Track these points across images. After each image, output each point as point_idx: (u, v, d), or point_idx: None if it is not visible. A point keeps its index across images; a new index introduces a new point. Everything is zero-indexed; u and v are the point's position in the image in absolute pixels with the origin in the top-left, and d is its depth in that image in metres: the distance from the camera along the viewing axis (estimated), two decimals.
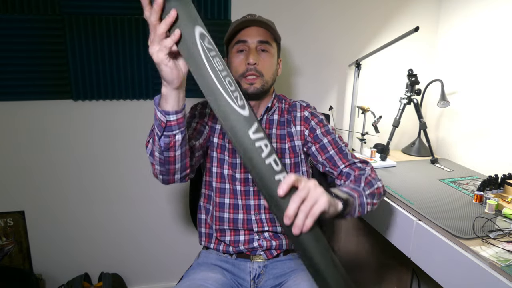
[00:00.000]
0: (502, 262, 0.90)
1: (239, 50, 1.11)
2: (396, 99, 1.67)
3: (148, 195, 1.77)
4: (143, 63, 1.60)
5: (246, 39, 1.10)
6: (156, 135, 0.88)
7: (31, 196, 1.66)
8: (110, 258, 1.81)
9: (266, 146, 0.72)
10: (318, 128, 1.17)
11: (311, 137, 1.17)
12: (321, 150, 1.15)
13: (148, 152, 0.97)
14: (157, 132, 0.87)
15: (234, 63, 1.12)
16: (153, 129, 0.89)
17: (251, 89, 1.10)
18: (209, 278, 1.08)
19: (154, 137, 0.89)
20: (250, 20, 1.10)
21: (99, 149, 1.68)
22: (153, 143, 0.91)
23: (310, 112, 1.21)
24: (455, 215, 1.14)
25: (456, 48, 1.74)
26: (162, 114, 0.84)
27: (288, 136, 1.19)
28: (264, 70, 1.11)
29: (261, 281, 1.15)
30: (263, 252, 1.16)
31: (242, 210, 1.15)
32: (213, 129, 1.17)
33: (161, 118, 0.85)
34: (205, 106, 1.20)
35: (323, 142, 1.15)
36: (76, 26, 1.50)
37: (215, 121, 1.17)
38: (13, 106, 1.55)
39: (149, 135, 0.95)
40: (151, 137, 0.94)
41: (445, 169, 1.56)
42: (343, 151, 1.14)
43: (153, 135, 0.90)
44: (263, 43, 1.10)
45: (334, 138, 1.16)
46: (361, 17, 1.76)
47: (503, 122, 1.51)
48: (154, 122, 0.88)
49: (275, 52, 1.16)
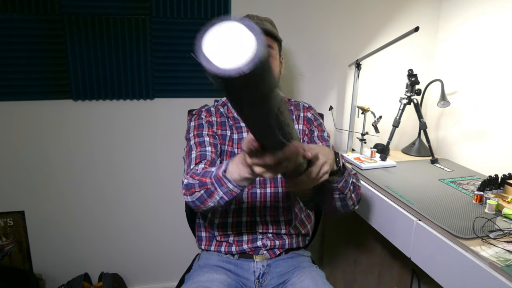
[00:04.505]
0: (502, 262, 0.90)
1: None
2: (396, 99, 1.67)
3: (148, 195, 1.77)
4: (143, 63, 1.60)
5: None
6: (221, 199, 0.91)
7: (31, 196, 1.66)
8: (110, 258, 1.81)
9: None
10: (316, 131, 1.22)
11: (308, 137, 1.21)
12: None
13: (194, 197, 0.96)
14: (223, 197, 0.90)
15: None
16: (211, 187, 0.91)
17: None
18: (214, 279, 1.07)
19: (213, 195, 0.91)
20: None
21: (99, 149, 1.68)
22: (209, 197, 0.93)
23: (313, 114, 1.26)
24: (455, 215, 1.14)
25: (456, 48, 1.74)
26: (237, 187, 0.88)
27: None
28: None
29: (265, 280, 1.15)
30: (266, 251, 1.16)
31: (246, 212, 1.15)
32: (223, 137, 1.17)
33: (233, 190, 0.88)
34: (210, 113, 1.19)
35: None
36: (76, 26, 1.50)
37: (224, 128, 1.18)
38: (13, 106, 1.55)
39: (200, 186, 0.94)
40: (203, 189, 0.94)
41: (445, 169, 1.56)
42: None
43: (211, 192, 0.92)
44: None
45: (328, 146, 1.19)
46: (361, 17, 1.76)
47: (503, 122, 1.51)
48: (217, 186, 0.89)
49: (277, 54, 1.16)
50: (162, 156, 1.74)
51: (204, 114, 1.18)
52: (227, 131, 1.17)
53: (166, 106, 1.69)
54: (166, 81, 1.65)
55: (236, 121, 1.20)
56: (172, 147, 1.71)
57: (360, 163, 1.55)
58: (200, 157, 1.08)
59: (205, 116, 1.18)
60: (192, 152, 1.10)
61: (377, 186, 1.38)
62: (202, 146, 1.10)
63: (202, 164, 1.05)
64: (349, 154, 1.66)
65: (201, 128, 1.14)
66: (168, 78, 1.65)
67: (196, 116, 1.18)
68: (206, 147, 1.10)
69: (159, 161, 1.74)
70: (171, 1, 1.55)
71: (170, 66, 1.63)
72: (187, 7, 1.57)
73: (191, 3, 1.57)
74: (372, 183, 1.41)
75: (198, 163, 1.06)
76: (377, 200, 1.36)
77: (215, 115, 1.19)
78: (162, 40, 1.59)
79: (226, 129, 1.18)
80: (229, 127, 1.19)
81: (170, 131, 1.71)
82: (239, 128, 1.19)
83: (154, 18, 1.56)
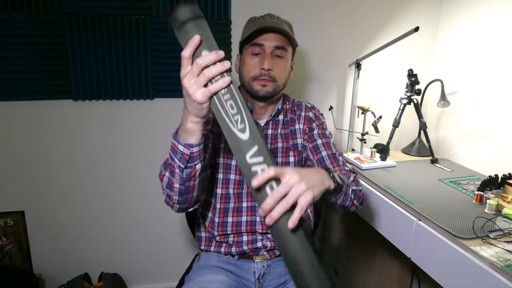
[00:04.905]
0: (502, 262, 0.90)
1: (254, 53, 1.09)
2: (396, 99, 1.67)
3: (148, 195, 1.77)
4: (143, 63, 1.60)
5: (262, 42, 1.08)
6: (178, 168, 0.89)
7: (31, 196, 1.66)
8: (110, 258, 1.81)
9: (262, 171, 0.71)
10: (316, 129, 1.21)
11: (308, 135, 1.21)
12: (313, 150, 1.18)
13: (164, 185, 0.96)
14: (180, 165, 0.88)
15: (248, 65, 1.11)
16: (171, 162, 0.90)
17: (262, 91, 1.10)
18: (215, 280, 1.07)
19: (174, 170, 0.90)
20: (270, 27, 1.07)
21: (99, 149, 1.68)
22: (172, 175, 0.92)
23: (315, 114, 1.25)
24: (455, 215, 1.14)
25: (456, 48, 1.74)
26: (186, 147, 0.85)
27: (291, 134, 1.21)
28: (278, 76, 1.11)
29: (265, 281, 1.15)
30: (266, 252, 1.16)
31: (246, 212, 1.15)
32: (219, 135, 1.16)
33: (184, 151, 0.86)
34: None
35: (317, 143, 1.18)
36: (76, 26, 1.50)
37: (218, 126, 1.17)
38: (13, 106, 1.55)
39: (165, 168, 0.94)
40: (167, 170, 0.93)
41: (445, 169, 1.56)
42: (335, 156, 1.17)
43: (172, 167, 0.90)
44: (279, 48, 1.09)
45: (328, 142, 1.19)
46: (361, 17, 1.76)
47: (503, 122, 1.51)
48: (173, 156, 0.88)
49: (289, 57, 1.15)
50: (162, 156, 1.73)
51: None
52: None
53: (166, 106, 1.69)
54: (166, 81, 1.65)
55: None
56: None
57: (360, 163, 1.55)
58: None
59: None
60: None
61: (377, 186, 1.38)
62: None
63: None
64: (349, 154, 1.66)
65: None
66: (168, 78, 1.65)
67: None
68: None
69: (159, 161, 1.73)
70: (171, 1, 1.55)
71: (170, 66, 1.63)
72: None
73: None
74: (372, 183, 1.41)
75: None
76: (377, 200, 1.36)
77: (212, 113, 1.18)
78: (162, 40, 1.59)
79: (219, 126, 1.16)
80: None
81: (170, 131, 1.69)
82: None
83: (154, 18, 1.56)
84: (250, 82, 1.10)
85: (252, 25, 1.10)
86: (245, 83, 1.13)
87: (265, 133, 1.20)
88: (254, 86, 1.10)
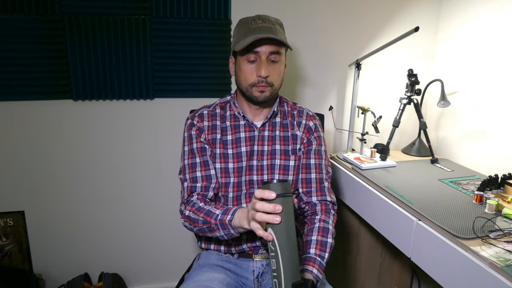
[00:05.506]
0: (502, 262, 0.90)
1: (250, 60, 1.10)
2: (396, 99, 1.67)
3: (148, 195, 1.77)
4: (143, 63, 1.60)
5: (257, 50, 1.09)
6: (220, 236, 1.03)
7: (31, 196, 1.66)
8: (110, 258, 1.81)
9: None
10: (314, 144, 1.22)
11: (305, 148, 1.21)
12: (304, 167, 1.19)
13: (194, 229, 1.10)
14: (223, 235, 1.02)
15: (244, 72, 1.11)
16: (216, 229, 1.02)
17: (261, 97, 1.12)
18: (214, 278, 1.08)
19: (214, 232, 1.03)
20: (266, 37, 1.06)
21: (99, 149, 1.68)
22: (209, 232, 1.05)
23: (315, 124, 1.24)
24: (455, 215, 1.14)
25: (456, 48, 1.74)
26: (236, 232, 0.99)
27: (292, 139, 1.21)
28: (274, 80, 1.13)
29: (264, 280, 1.16)
30: (265, 251, 1.16)
31: None
32: (213, 141, 1.18)
33: (234, 234, 1.00)
34: (202, 118, 1.20)
35: (310, 162, 1.19)
36: (76, 26, 1.50)
37: (214, 132, 1.18)
38: (13, 106, 1.55)
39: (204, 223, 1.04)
40: (203, 225, 1.05)
41: (445, 169, 1.56)
42: (322, 181, 1.19)
43: (213, 230, 1.03)
44: (274, 53, 1.10)
45: (321, 163, 1.20)
46: (361, 17, 1.76)
47: (503, 122, 1.51)
48: (220, 227, 1.00)
49: (284, 59, 1.16)
50: (162, 156, 1.74)
51: (196, 120, 1.19)
52: (217, 134, 1.18)
53: (166, 106, 1.69)
54: (166, 81, 1.65)
55: (236, 119, 1.20)
56: (172, 147, 1.71)
57: (360, 163, 1.55)
58: (190, 189, 1.14)
59: (197, 122, 1.19)
60: (186, 174, 1.15)
61: (377, 186, 1.38)
62: (193, 170, 1.15)
63: (195, 195, 1.13)
64: (349, 154, 1.66)
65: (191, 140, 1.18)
66: (168, 78, 1.65)
67: (190, 127, 1.19)
68: (197, 173, 1.14)
69: (159, 161, 1.74)
70: (171, 1, 1.55)
71: (170, 66, 1.63)
72: (187, 7, 1.57)
73: (191, 3, 1.57)
74: (372, 183, 1.41)
75: (191, 194, 1.14)
76: (377, 200, 1.36)
77: (207, 119, 1.20)
78: (162, 40, 1.59)
79: (216, 132, 1.18)
80: (220, 129, 1.19)
81: (170, 131, 1.71)
82: (237, 128, 1.19)
83: (154, 18, 1.56)
84: (249, 88, 1.12)
85: (244, 30, 1.10)
86: (243, 88, 1.14)
87: (261, 134, 1.20)
88: (253, 92, 1.12)
